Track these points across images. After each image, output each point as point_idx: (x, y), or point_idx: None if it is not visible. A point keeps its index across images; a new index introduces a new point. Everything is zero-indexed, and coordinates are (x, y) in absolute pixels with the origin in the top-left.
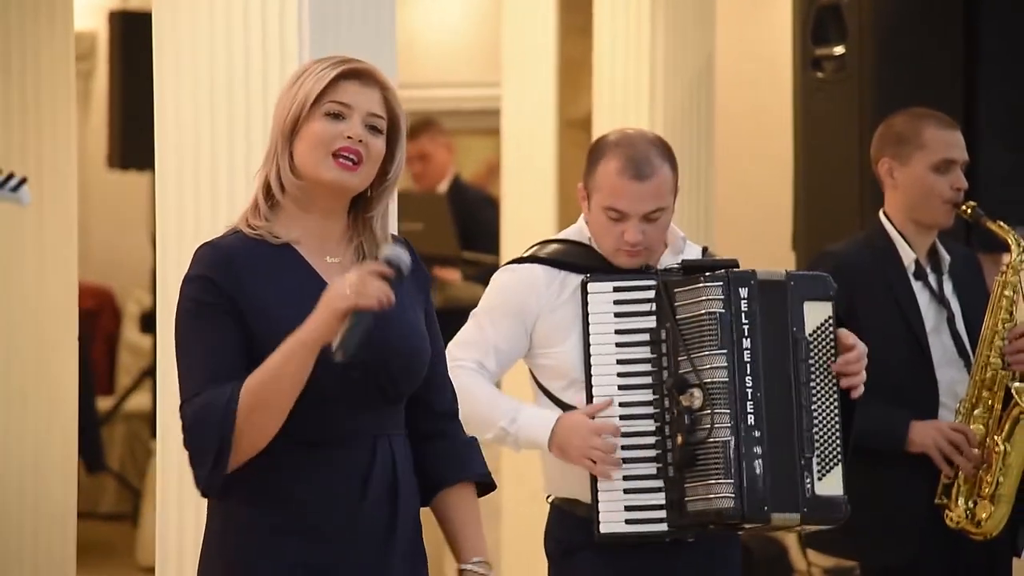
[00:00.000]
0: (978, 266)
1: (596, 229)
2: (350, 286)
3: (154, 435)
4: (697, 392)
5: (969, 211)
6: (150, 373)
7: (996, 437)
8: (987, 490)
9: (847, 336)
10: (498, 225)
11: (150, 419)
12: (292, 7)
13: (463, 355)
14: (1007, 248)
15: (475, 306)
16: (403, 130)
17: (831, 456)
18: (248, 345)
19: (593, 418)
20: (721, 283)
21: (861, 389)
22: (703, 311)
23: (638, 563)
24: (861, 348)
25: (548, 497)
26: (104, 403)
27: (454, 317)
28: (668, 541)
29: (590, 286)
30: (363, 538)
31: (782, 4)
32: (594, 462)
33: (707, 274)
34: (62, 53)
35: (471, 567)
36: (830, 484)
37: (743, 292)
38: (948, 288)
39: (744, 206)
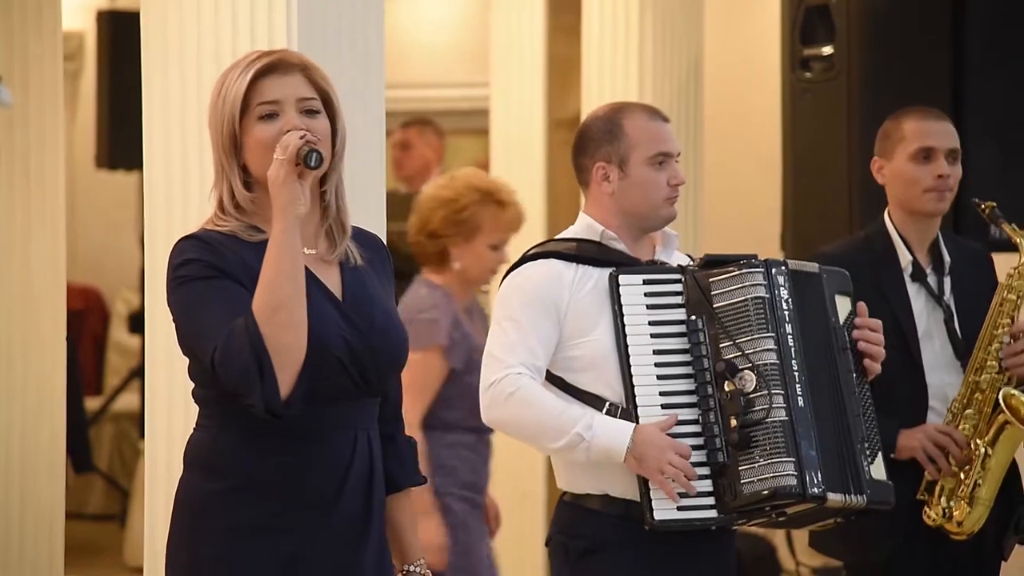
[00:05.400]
0: (990, 264)
1: (640, 189)
2: (276, 159)
3: (142, 435)
4: (749, 375)
5: (987, 211)
6: (138, 373)
7: (979, 440)
8: (965, 491)
9: (863, 308)
10: None
11: (138, 419)
12: (280, 7)
13: (512, 360)
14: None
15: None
16: (337, 103)
17: (874, 441)
18: None
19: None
20: (762, 270)
21: (878, 367)
22: (746, 297)
23: (664, 558)
24: (878, 321)
25: (564, 495)
26: (92, 403)
27: None
28: (714, 529)
29: (621, 279)
30: (340, 530)
31: (770, 4)
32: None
33: (743, 262)
34: (50, 53)
35: (415, 568)
36: (878, 469)
37: (780, 279)
38: (948, 288)
39: (732, 206)
